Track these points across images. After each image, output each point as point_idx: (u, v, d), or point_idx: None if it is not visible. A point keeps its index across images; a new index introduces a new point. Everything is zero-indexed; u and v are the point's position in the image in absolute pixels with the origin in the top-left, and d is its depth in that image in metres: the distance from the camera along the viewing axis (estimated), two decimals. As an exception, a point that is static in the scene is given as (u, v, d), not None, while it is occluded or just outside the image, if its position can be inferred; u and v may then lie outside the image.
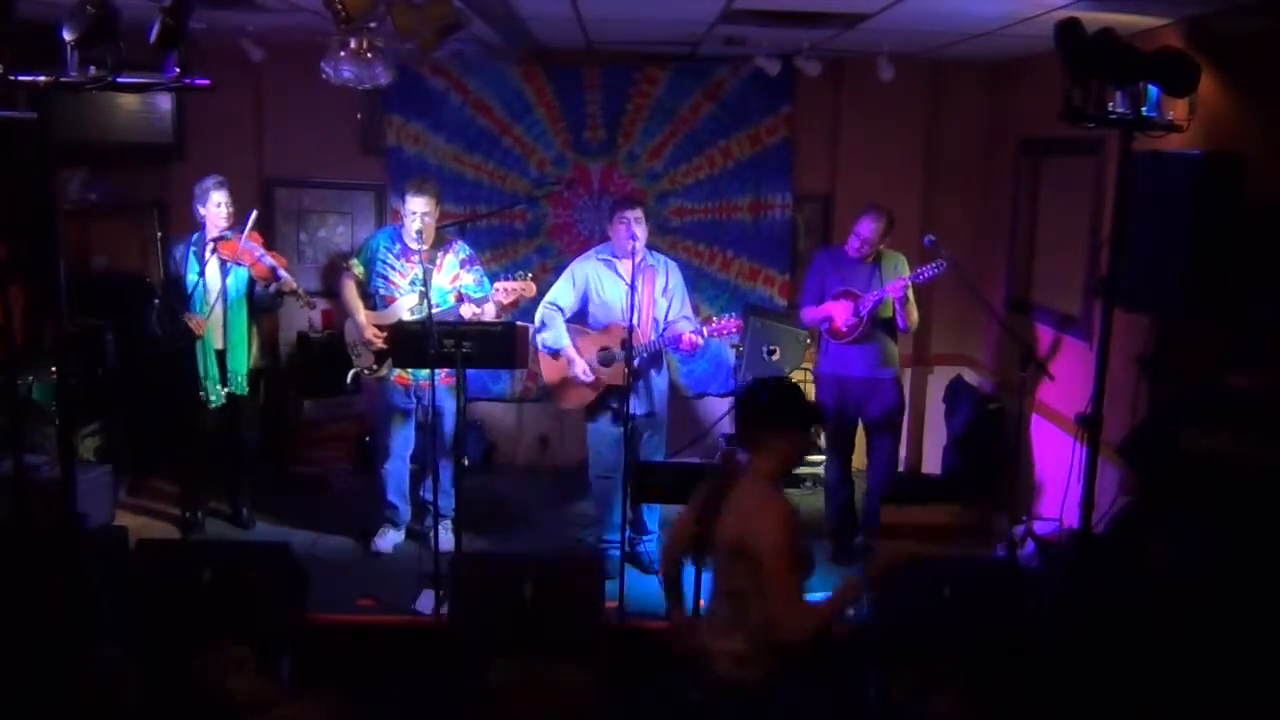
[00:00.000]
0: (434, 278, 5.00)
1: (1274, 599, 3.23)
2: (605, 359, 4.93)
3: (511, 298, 4.94)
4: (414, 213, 4.92)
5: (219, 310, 5.21)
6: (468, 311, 4.94)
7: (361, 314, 5.12)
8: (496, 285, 4.94)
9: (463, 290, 5.05)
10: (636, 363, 4.82)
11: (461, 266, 5.06)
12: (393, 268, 5.08)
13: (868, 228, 5.03)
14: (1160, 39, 4.24)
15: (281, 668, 4.07)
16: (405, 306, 5.03)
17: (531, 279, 4.94)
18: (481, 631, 4.13)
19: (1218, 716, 3.34)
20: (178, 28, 3.04)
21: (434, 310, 4.78)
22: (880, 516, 5.27)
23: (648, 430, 5.07)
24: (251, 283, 5.24)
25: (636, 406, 4.91)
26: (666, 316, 4.95)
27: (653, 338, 4.89)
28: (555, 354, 5.01)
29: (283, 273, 5.16)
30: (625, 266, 4.80)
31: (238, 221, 5.18)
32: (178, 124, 6.10)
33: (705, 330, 4.74)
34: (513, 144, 6.48)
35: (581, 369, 4.90)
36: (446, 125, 6.43)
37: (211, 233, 5.17)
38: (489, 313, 5.00)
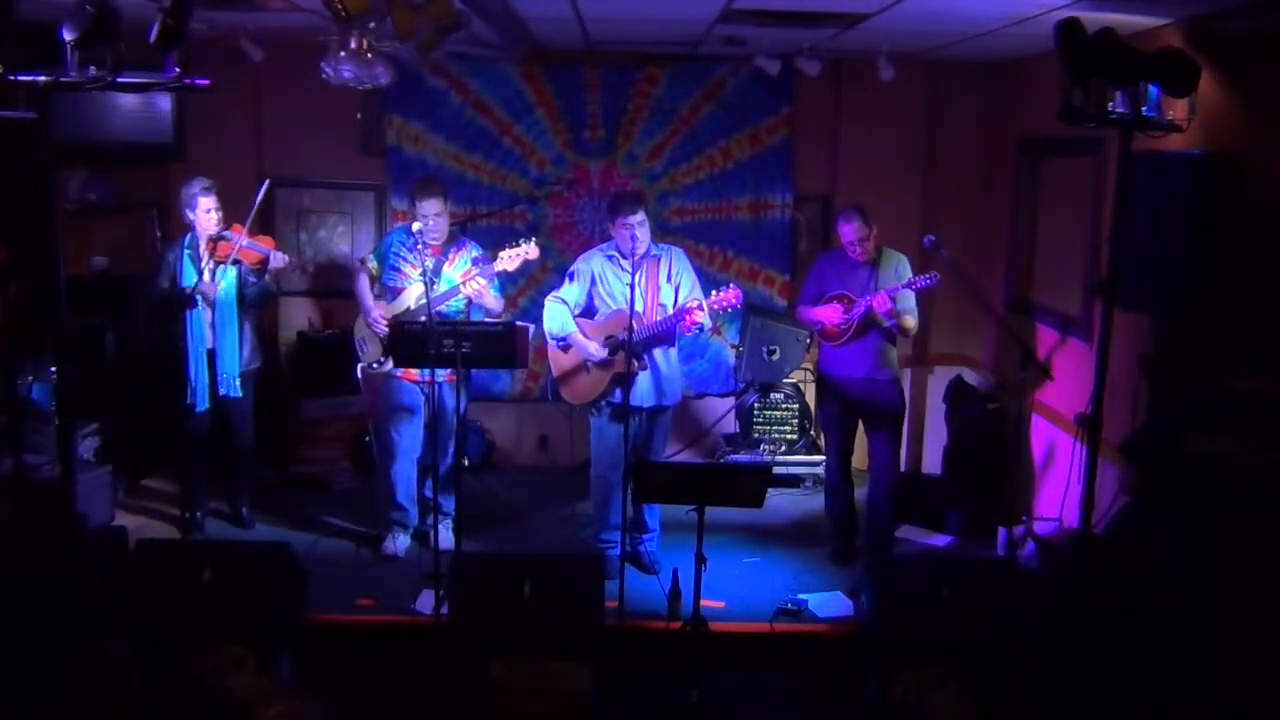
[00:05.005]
0: (445, 269, 5.08)
1: (1273, 600, 3.23)
2: (611, 347, 4.92)
3: (517, 263, 4.99)
4: (426, 215, 4.99)
5: (209, 312, 5.20)
6: (472, 289, 4.96)
7: (370, 300, 5.18)
8: (500, 255, 4.98)
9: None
10: (643, 348, 4.83)
11: (474, 264, 5.08)
12: (405, 260, 5.12)
13: (848, 231, 5.06)
14: (1160, 39, 4.24)
15: (281, 667, 4.07)
16: (413, 295, 5.06)
17: (535, 242, 5.01)
18: (481, 631, 4.13)
19: (1217, 716, 3.35)
20: (178, 28, 3.05)
21: (440, 297, 4.91)
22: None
23: (652, 427, 5.07)
24: (241, 282, 5.23)
25: (643, 400, 4.91)
26: (676, 302, 4.95)
27: (658, 320, 4.88)
28: (564, 345, 5.00)
29: (275, 255, 5.17)
30: (629, 261, 4.80)
31: (228, 225, 5.17)
32: (178, 124, 6.09)
33: (707, 304, 4.73)
34: (513, 144, 6.48)
35: (594, 348, 4.89)
36: (446, 125, 6.43)
37: (204, 236, 5.16)
38: (495, 306, 5.08)
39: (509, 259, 4.97)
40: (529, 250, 4.98)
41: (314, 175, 6.50)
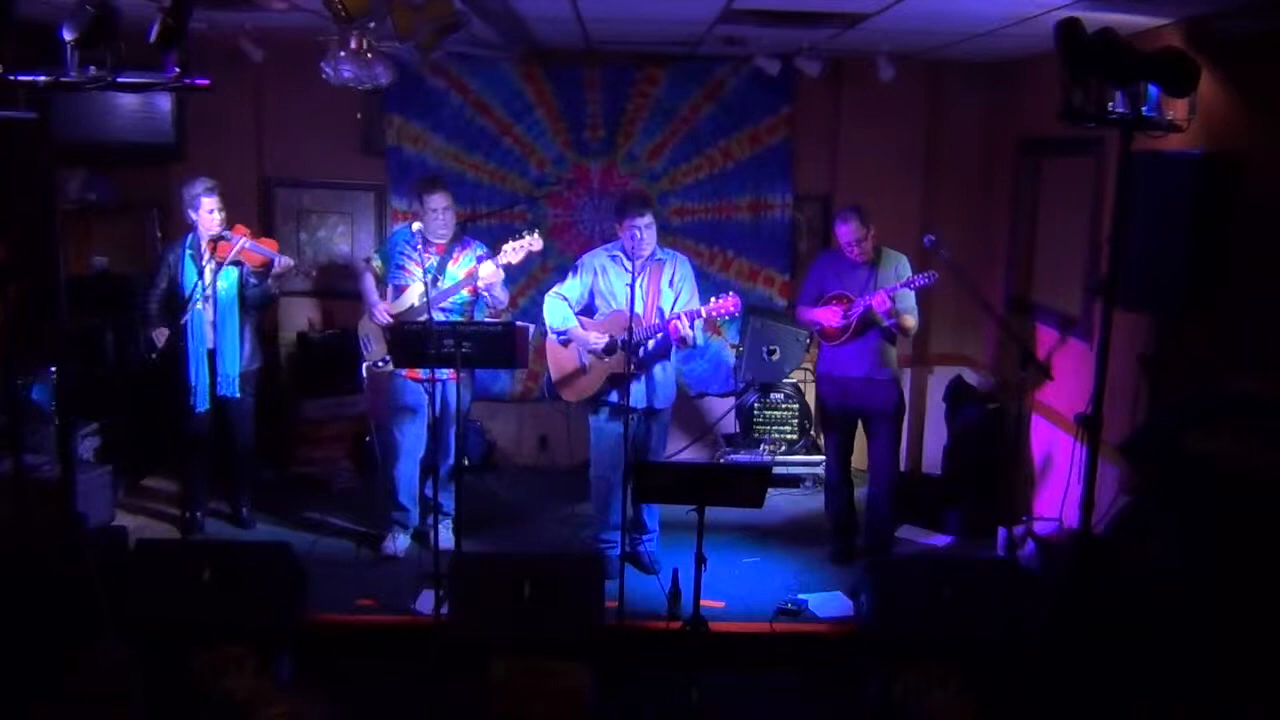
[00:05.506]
0: (449, 268, 5.10)
1: (1273, 600, 3.23)
2: (609, 347, 4.92)
3: (521, 255, 5.00)
4: (435, 209, 5.02)
5: (209, 312, 5.20)
6: (486, 271, 4.98)
7: (376, 297, 5.21)
8: (504, 247, 4.99)
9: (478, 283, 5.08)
10: (641, 352, 4.83)
11: (478, 262, 5.09)
12: (410, 258, 5.12)
13: (846, 232, 5.06)
14: (1160, 39, 4.24)
15: (281, 667, 4.07)
16: (415, 293, 5.07)
17: (536, 234, 5.03)
18: (481, 631, 4.13)
19: (1217, 716, 3.35)
20: (178, 28, 3.05)
21: (444, 295, 4.94)
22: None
23: (650, 427, 5.06)
24: (242, 283, 5.23)
25: (636, 401, 4.91)
26: (674, 308, 4.95)
27: (655, 323, 4.88)
28: (564, 339, 5.00)
29: (279, 259, 5.18)
30: (632, 262, 4.79)
31: (230, 226, 5.16)
32: (178, 124, 6.07)
33: (704, 310, 4.73)
34: (513, 144, 6.48)
35: (594, 336, 4.88)
36: (446, 125, 6.43)
37: (205, 236, 5.16)
38: (503, 298, 5.14)
39: (513, 251, 4.97)
40: (532, 242, 4.99)
41: (314, 175, 6.50)
